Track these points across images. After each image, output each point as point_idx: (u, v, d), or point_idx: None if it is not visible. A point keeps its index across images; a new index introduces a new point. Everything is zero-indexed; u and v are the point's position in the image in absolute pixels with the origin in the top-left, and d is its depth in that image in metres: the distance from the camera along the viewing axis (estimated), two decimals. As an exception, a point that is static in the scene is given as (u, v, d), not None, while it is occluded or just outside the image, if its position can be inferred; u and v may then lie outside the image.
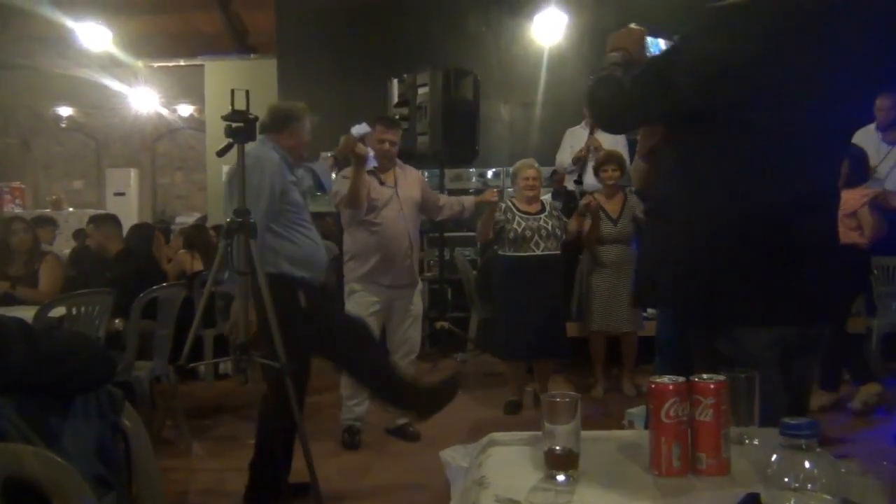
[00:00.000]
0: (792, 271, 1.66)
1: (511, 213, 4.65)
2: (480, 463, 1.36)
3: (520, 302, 4.63)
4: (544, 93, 7.72)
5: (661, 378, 1.27)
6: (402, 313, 4.15)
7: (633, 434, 1.50)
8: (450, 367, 6.24)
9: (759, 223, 1.65)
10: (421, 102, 6.26)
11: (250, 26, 10.76)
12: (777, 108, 1.63)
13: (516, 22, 7.85)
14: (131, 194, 12.23)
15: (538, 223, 4.63)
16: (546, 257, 4.62)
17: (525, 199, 4.72)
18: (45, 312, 3.52)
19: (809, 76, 1.64)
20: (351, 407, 4.08)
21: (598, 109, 1.90)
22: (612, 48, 1.90)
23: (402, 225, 4.05)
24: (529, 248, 4.60)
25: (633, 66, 1.85)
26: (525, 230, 4.59)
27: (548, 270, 4.64)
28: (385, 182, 4.08)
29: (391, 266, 4.01)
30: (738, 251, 1.67)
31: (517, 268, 4.65)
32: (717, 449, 1.24)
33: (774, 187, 1.65)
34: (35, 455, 1.24)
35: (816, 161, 1.69)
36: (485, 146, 6.89)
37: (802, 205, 1.65)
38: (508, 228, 4.62)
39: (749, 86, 1.63)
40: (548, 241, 4.62)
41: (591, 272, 5.10)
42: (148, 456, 1.71)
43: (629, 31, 1.93)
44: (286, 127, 3.26)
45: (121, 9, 9.76)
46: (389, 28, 7.91)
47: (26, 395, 1.35)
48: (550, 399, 1.24)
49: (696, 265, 1.73)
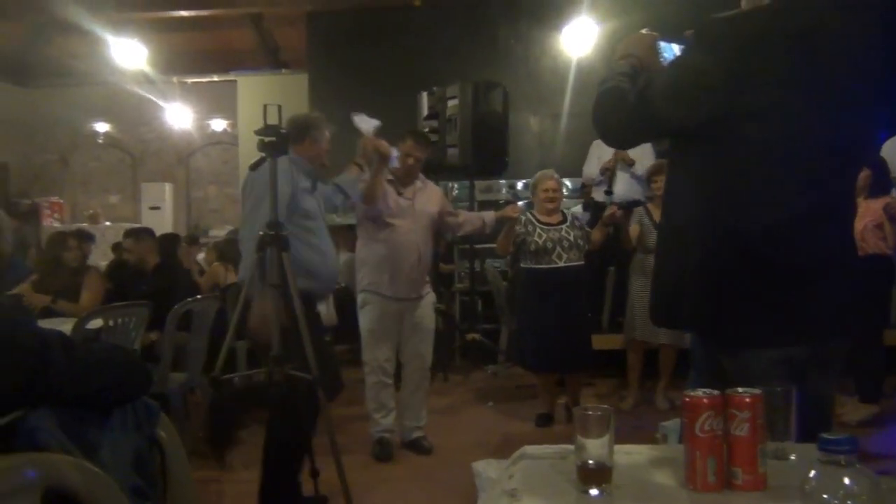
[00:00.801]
0: (798, 289, 1.60)
1: (531, 225, 4.62)
2: (511, 475, 1.35)
3: (544, 314, 4.59)
4: (573, 103, 7.70)
5: (696, 391, 1.25)
6: (412, 327, 4.14)
7: (667, 448, 1.48)
8: (480, 378, 6.24)
9: (763, 240, 1.60)
10: (450, 115, 6.29)
11: (282, 42, 10.90)
12: (780, 123, 1.58)
13: (545, 33, 7.85)
14: (166, 208, 12.43)
15: (559, 234, 4.59)
16: (569, 268, 4.57)
17: (545, 210, 4.68)
18: (84, 325, 3.58)
19: (815, 89, 1.58)
20: (378, 420, 4.10)
21: (602, 125, 1.80)
22: (622, 55, 1.83)
23: (413, 238, 4.05)
24: (551, 259, 4.56)
25: (644, 73, 1.78)
26: (546, 242, 4.55)
27: (571, 282, 4.60)
28: (403, 194, 4.10)
29: (397, 277, 4.01)
30: (740, 270, 1.62)
31: (540, 280, 4.62)
32: (754, 464, 1.22)
33: (777, 203, 1.60)
34: (74, 466, 1.26)
35: (826, 175, 1.63)
36: (514, 158, 6.89)
37: (809, 221, 1.60)
38: (529, 241, 4.58)
39: (752, 100, 1.58)
40: (570, 252, 4.57)
41: (633, 281, 5.06)
42: (183, 467, 1.73)
43: (640, 36, 1.86)
44: (305, 137, 3.33)
45: (156, 27, 9.96)
46: (419, 42, 7.96)
47: (66, 408, 1.38)
48: (582, 412, 1.23)
49: (698, 283, 1.67)
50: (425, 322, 4.19)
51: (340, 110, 3.73)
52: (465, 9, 8.03)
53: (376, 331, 4.06)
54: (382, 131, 3.78)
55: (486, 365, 6.43)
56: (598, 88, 1.80)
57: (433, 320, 4.30)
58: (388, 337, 4.09)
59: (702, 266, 1.67)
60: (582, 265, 4.65)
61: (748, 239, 1.61)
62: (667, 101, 1.67)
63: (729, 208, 1.64)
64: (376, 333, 4.06)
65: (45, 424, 1.32)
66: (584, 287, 4.73)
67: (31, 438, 1.30)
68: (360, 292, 4.13)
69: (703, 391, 1.25)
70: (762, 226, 1.60)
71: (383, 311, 4.04)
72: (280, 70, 10.47)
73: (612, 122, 1.79)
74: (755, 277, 1.61)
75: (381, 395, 4.09)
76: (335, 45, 8.35)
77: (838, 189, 1.68)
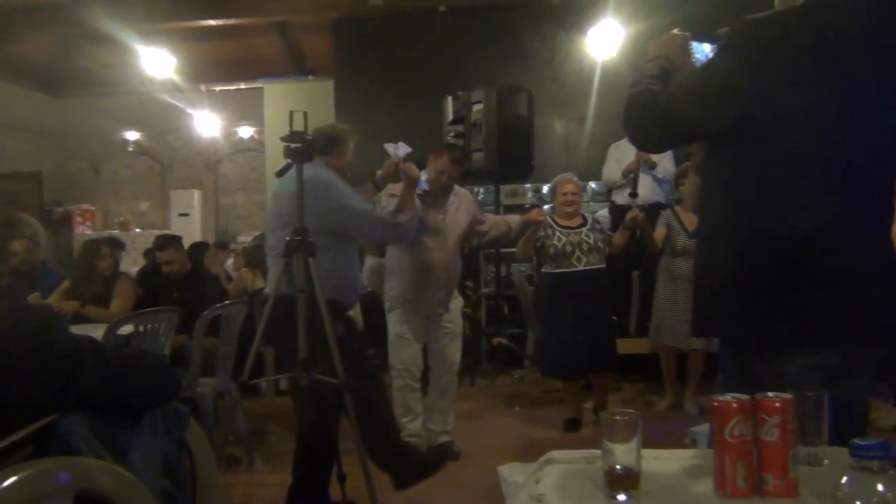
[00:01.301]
0: (832, 294, 1.57)
1: (551, 228, 4.61)
2: (538, 480, 1.35)
3: (565, 318, 4.57)
4: (599, 107, 7.66)
5: (725, 396, 1.24)
6: (439, 332, 4.13)
7: (696, 453, 1.47)
8: (507, 383, 6.22)
9: (796, 245, 1.57)
10: (476, 120, 6.29)
11: (308, 49, 10.99)
12: (812, 125, 1.56)
13: (570, 36, 7.82)
14: (195, 215, 12.59)
15: (579, 237, 4.57)
16: (589, 272, 4.54)
17: (564, 214, 4.65)
18: (115, 330, 3.64)
19: (846, 91, 1.56)
20: (405, 424, 4.08)
21: (632, 129, 1.79)
22: (653, 56, 1.81)
23: (443, 258, 4.03)
24: (571, 263, 4.54)
25: (674, 75, 1.76)
26: (565, 245, 4.54)
27: (592, 285, 4.57)
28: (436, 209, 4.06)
29: (423, 291, 3.99)
30: (773, 275, 1.59)
31: (560, 284, 4.60)
32: (785, 469, 1.20)
33: (813, 208, 1.57)
34: (106, 470, 1.28)
35: (861, 178, 1.59)
36: (540, 162, 6.87)
37: (842, 225, 1.56)
38: (549, 244, 4.57)
39: (781, 103, 1.56)
40: (590, 255, 4.54)
41: (660, 284, 5.02)
42: (211, 471, 1.74)
43: (671, 36, 1.83)
44: (334, 149, 3.35)
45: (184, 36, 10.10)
46: (443, 47, 7.97)
47: (97, 412, 1.40)
48: (610, 417, 1.22)
49: (730, 290, 1.65)
50: (453, 326, 4.18)
51: (366, 116, 3.77)
52: (490, 13, 8.04)
53: (403, 335, 4.06)
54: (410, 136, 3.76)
55: (513, 369, 6.41)
56: (627, 91, 1.78)
57: (461, 325, 4.30)
58: (416, 341, 4.09)
59: (733, 271, 1.65)
60: (603, 268, 4.61)
61: (780, 243, 1.59)
62: (694, 106, 1.65)
63: (760, 212, 1.62)
64: (403, 338, 4.06)
65: (77, 429, 1.34)
66: (606, 290, 4.69)
67: (64, 442, 1.33)
68: (388, 300, 4.15)
69: (733, 396, 1.23)
70: (795, 230, 1.58)
71: (411, 316, 4.05)
72: (306, 77, 10.55)
73: (641, 126, 1.78)
74: (788, 282, 1.59)
75: (408, 399, 4.09)
76: (360, 52, 8.40)
77: (873, 192, 1.64)
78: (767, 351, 1.63)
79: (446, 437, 4.21)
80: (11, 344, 1.30)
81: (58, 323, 1.44)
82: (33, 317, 1.40)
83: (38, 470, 1.17)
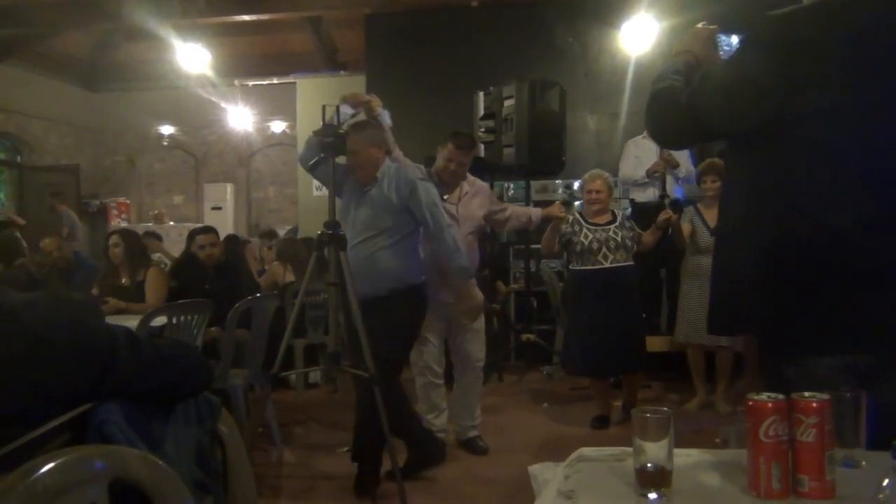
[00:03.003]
0: (862, 295, 1.52)
1: (578, 225, 4.55)
2: (568, 476, 1.34)
3: (592, 316, 4.52)
4: (631, 102, 7.59)
5: (760, 395, 1.22)
6: (459, 327, 4.08)
7: (729, 453, 1.45)
8: (535, 379, 6.20)
9: (829, 245, 1.53)
10: (507, 115, 6.27)
11: (340, 44, 11.05)
12: (842, 123, 1.51)
13: (603, 31, 7.75)
14: (227, 208, 12.75)
15: (607, 234, 4.50)
16: (616, 269, 4.46)
17: (591, 211, 4.61)
18: (149, 322, 3.68)
19: (877, 89, 1.51)
20: (431, 420, 4.05)
21: (654, 126, 1.76)
22: (678, 51, 1.77)
23: None
24: (597, 260, 4.47)
25: (700, 70, 1.72)
26: (592, 242, 4.47)
27: (619, 283, 4.49)
28: (448, 199, 3.99)
29: (439, 284, 3.84)
30: (801, 274, 1.55)
31: (587, 281, 4.55)
32: (821, 471, 1.18)
33: (844, 207, 1.52)
34: (140, 458, 1.29)
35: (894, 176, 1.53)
36: (571, 157, 6.83)
37: (877, 225, 1.52)
38: (576, 241, 4.51)
39: (808, 101, 1.51)
40: (616, 253, 4.47)
41: (684, 283, 4.97)
42: (243, 462, 1.76)
43: (697, 30, 1.80)
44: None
45: (219, 31, 10.22)
46: (475, 42, 7.96)
47: (132, 402, 1.42)
48: (641, 415, 1.21)
49: (757, 288, 1.61)
50: (476, 321, 4.11)
51: (397, 110, 3.76)
52: (523, 8, 8.00)
53: (422, 332, 3.92)
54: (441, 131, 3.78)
55: (541, 366, 6.39)
56: (651, 87, 1.75)
57: (482, 320, 4.22)
58: (435, 337, 4.02)
59: (761, 270, 1.61)
60: (630, 266, 4.55)
61: (808, 243, 1.55)
62: (720, 104, 1.61)
63: (787, 211, 1.57)
64: (422, 335, 3.93)
65: (113, 417, 1.36)
66: (633, 288, 4.62)
67: (100, 431, 1.35)
68: None
69: (768, 395, 1.21)
70: (823, 229, 1.53)
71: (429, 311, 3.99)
72: (338, 72, 10.60)
73: (663, 123, 1.75)
74: (817, 282, 1.55)
75: (431, 396, 4.06)
76: (392, 47, 8.42)
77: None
78: (797, 351, 1.59)
79: (475, 431, 4.21)
80: (50, 333, 1.32)
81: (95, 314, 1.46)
82: (71, 307, 1.42)
83: (74, 457, 1.19)
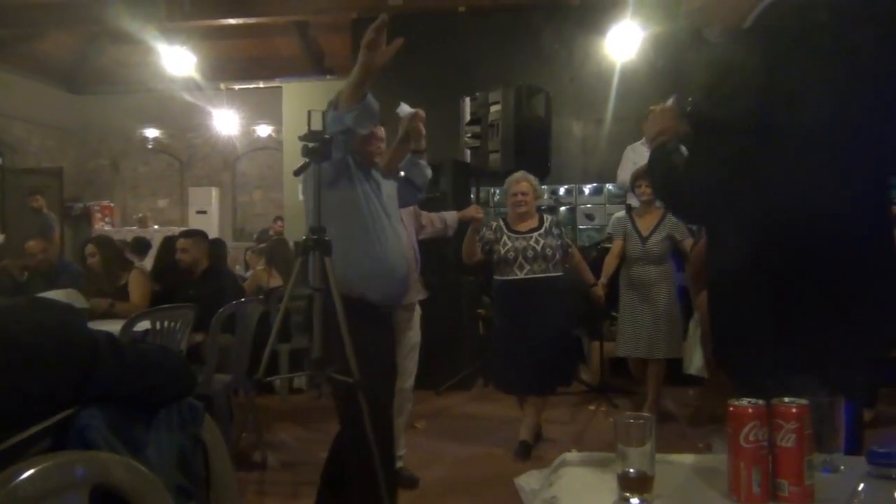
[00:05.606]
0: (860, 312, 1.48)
1: (500, 231, 4.28)
2: (552, 482, 1.34)
3: (513, 329, 4.27)
4: (617, 109, 7.64)
5: (740, 401, 1.23)
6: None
7: (711, 458, 1.46)
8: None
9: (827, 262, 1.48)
10: (493, 120, 6.28)
11: (327, 49, 11.04)
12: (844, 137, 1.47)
13: (589, 38, 7.80)
14: (212, 212, 12.68)
15: (526, 243, 4.19)
16: (533, 280, 4.16)
17: (516, 216, 4.30)
18: (131, 326, 3.66)
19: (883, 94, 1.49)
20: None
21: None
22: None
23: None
24: (513, 270, 4.18)
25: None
26: (509, 251, 4.19)
27: (536, 295, 4.16)
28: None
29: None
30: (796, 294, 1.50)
31: (506, 292, 4.28)
32: (800, 476, 1.19)
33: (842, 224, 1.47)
34: (121, 464, 1.29)
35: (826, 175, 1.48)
36: (557, 163, 6.85)
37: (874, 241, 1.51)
38: (496, 249, 4.25)
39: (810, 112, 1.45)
40: (534, 264, 4.16)
41: (622, 295, 4.92)
42: (226, 467, 1.75)
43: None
44: None
45: (204, 35, 10.18)
46: (462, 47, 7.98)
47: (114, 407, 1.41)
48: (623, 420, 1.21)
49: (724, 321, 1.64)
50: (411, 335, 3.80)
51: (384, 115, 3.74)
52: (509, 14, 8.03)
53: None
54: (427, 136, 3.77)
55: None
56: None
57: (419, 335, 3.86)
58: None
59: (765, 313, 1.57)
60: (551, 277, 4.20)
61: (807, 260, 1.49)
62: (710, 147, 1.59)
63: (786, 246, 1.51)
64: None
65: (94, 423, 1.35)
66: (557, 299, 4.23)
67: (81, 436, 1.34)
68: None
69: (748, 401, 1.22)
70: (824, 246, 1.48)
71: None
72: (325, 76, 10.59)
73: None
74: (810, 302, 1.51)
75: None
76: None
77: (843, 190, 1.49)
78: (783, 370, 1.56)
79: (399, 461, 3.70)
80: (32, 337, 1.31)
81: (76, 318, 1.45)
82: (53, 311, 1.41)
83: (55, 463, 1.18)
